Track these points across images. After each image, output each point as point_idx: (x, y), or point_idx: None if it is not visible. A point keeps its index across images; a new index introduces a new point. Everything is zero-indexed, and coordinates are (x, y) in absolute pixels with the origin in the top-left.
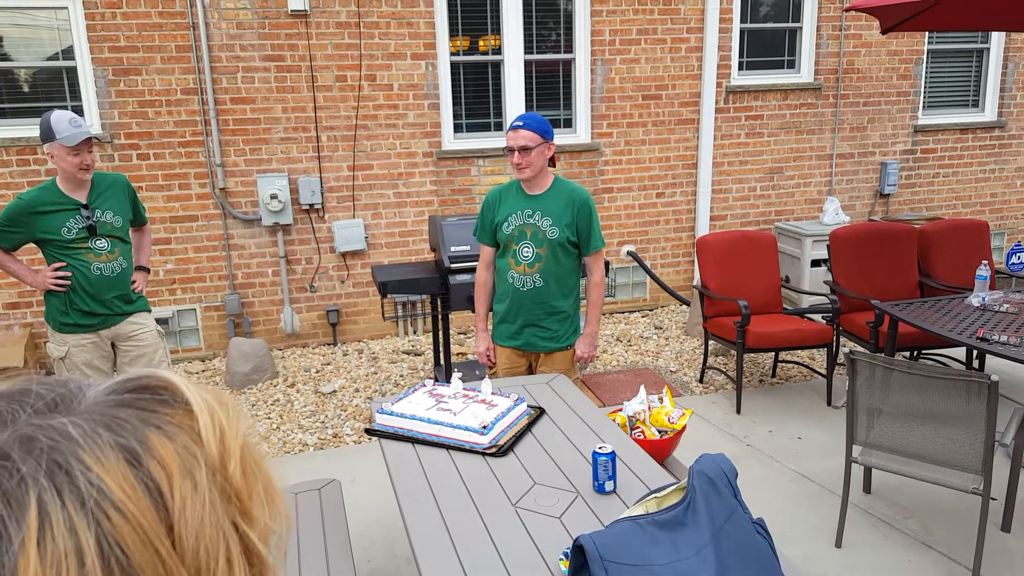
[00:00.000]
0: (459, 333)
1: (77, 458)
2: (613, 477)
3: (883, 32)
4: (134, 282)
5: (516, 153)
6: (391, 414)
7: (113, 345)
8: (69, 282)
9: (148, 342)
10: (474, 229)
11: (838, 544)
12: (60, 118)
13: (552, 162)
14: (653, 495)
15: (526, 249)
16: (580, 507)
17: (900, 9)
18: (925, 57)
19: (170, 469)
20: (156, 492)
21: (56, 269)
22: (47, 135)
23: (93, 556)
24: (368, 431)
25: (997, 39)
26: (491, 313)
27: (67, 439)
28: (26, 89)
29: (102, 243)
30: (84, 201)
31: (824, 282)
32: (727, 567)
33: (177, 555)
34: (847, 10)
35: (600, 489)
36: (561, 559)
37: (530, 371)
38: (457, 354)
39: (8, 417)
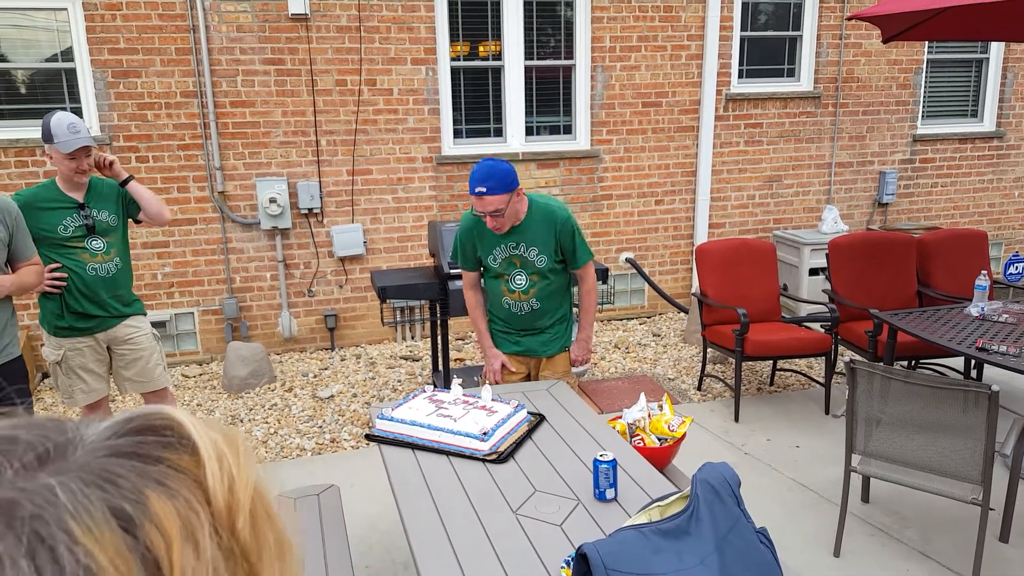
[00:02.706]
0: (457, 339)
1: (64, 528)
2: (614, 485)
3: (884, 41)
4: (112, 163)
5: (489, 217)
6: (391, 420)
7: (109, 349)
8: (65, 283)
9: (144, 345)
10: (452, 255)
11: (836, 553)
12: (60, 122)
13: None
14: (656, 503)
15: (519, 278)
16: (581, 515)
17: (902, 19)
18: (924, 67)
19: (170, 536)
20: (153, 565)
21: (51, 270)
22: (46, 137)
23: None
24: (368, 437)
25: (996, 49)
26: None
27: (53, 505)
28: (25, 91)
29: (98, 243)
30: (81, 200)
31: (823, 291)
32: None
33: None
34: (849, 19)
35: (601, 497)
36: (563, 567)
37: (528, 378)
38: (455, 360)
39: None
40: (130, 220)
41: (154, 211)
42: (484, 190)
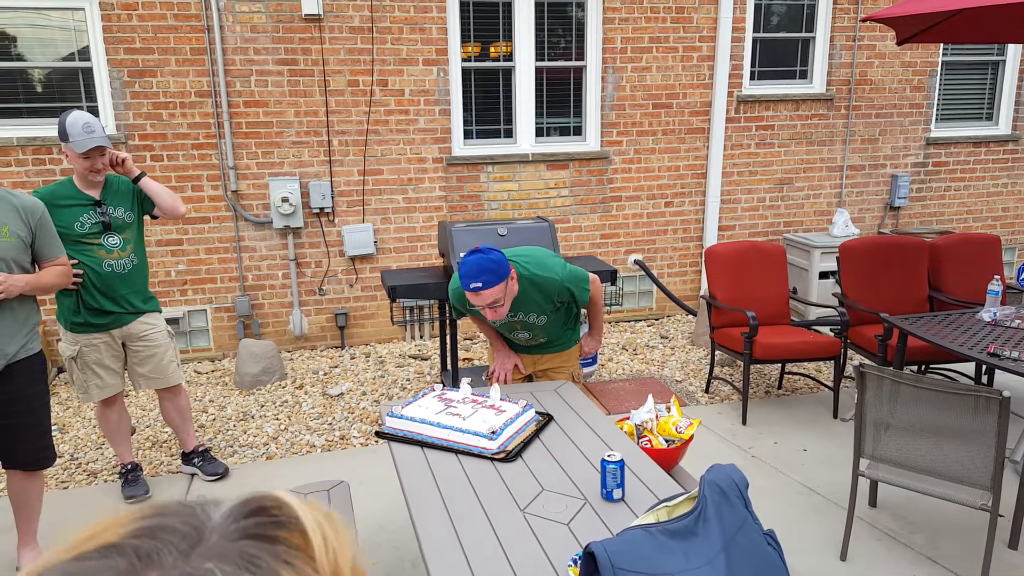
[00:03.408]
0: (465, 338)
1: None
2: (621, 485)
3: (899, 43)
4: (124, 160)
5: (488, 310)
6: (401, 417)
7: (124, 345)
8: (80, 279)
9: (159, 342)
10: (452, 301)
11: (843, 557)
12: (75, 121)
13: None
14: (664, 504)
15: (523, 333)
16: (588, 514)
17: (917, 20)
18: (939, 69)
19: None
20: None
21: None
22: (62, 135)
23: None
24: (378, 434)
25: (1013, 52)
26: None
27: None
28: (42, 89)
29: (114, 240)
30: (98, 198)
31: (832, 294)
32: None
33: None
34: (864, 20)
35: (608, 497)
36: (570, 565)
37: (529, 379)
38: (464, 359)
39: (156, 559)
40: (146, 216)
41: (168, 206)
42: (480, 285)
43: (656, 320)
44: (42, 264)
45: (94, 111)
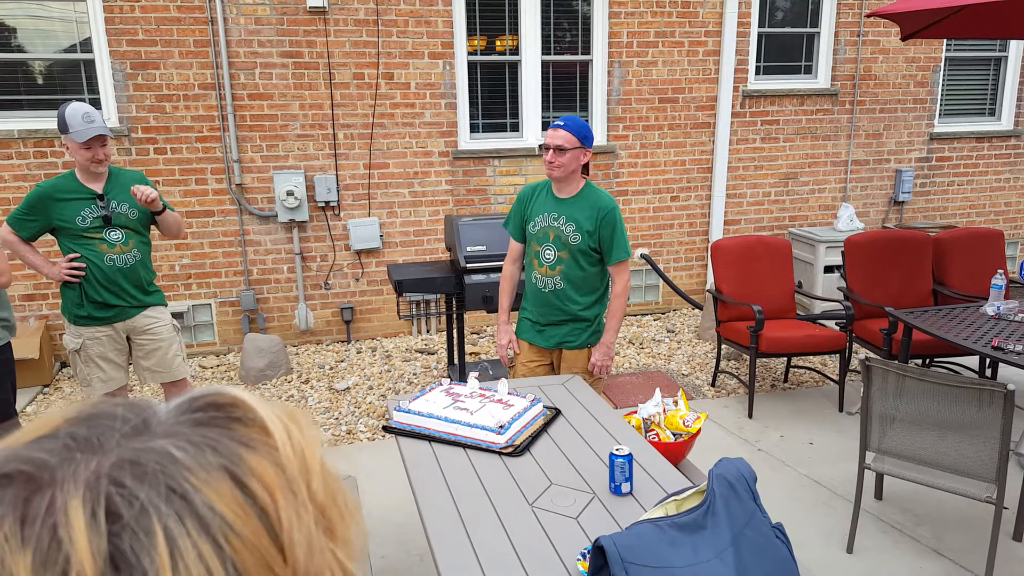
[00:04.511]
0: (472, 333)
1: (188, 482)
2: (629, 479)
3: (903, 39)
4: (153, 200)
5: (550, 151)
6: (408, 412)
7: (129, 339)
8: (84, 273)
9: (163, 336)
10: (505, 220)
11: (849, 550)
12: (75, 112)
13: (586, 169)
14: (673, 498)
15: (548, 251)
16: (596, 508)
17: (921, 16)
18: (943, 64)
19: (272, 489)
20: (263, 514)
21: (71, 260)
22: (62, 127)
23: None
24: (386, 428)
25: (1015, 47)
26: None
27: (173, 462)
28: (43, 81)
29: (116, 234)
30: (100, 191)
31: (838, 288)
32: (746, 570)
33: None
34: (869, 16)
35: (616, 491)
36: (579, 559)
37: (553, 369)
38: (471, 354)
39: (96, 443)
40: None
41: (172, 234)
42: (561, 124)
43: (663, 314)
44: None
45: (96, 104)
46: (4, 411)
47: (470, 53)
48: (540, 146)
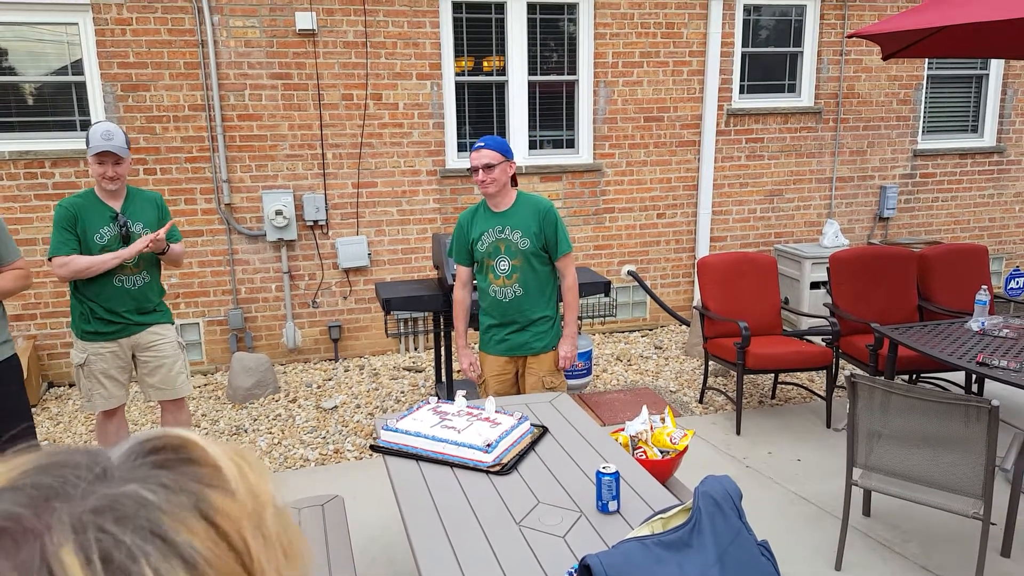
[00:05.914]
0: None
1: (166, 523)
2: (617, 497)
3: (884, 58)
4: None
5: (480, 171)
6: (396, 431)
7: (134, 356)
8: (163, 243)
9: (167, 353)
10: (448, 250)
11: (838, 567)
12: (96, 130)
13: (514, 181)
14: (659, 516)
15: (502, 263)
16: (584, 526)
17: (902, 37)
18: (925, 82)
19: (239, 524)
20: (232, 549)
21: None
22: (86, 143)
23: None
24: (373, 448)
25: (996, 66)
26: (477, 329)
27: (147, 506)
28: (34, 103)
29: None
30: (118, 210)
31: (823, 304)
32: None
33: None
34: (850, 36)
35: (604, 509)
36: None
37: (517, 378)
38: (458, 371)
39: (65, 491)
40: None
41: (174, 267)
42: (482, 144)
43: (650, 331)
44: (1, 269)
45: (87, 125)
46: (24, 413)
47: (458, 74)
48: (468, 170)
